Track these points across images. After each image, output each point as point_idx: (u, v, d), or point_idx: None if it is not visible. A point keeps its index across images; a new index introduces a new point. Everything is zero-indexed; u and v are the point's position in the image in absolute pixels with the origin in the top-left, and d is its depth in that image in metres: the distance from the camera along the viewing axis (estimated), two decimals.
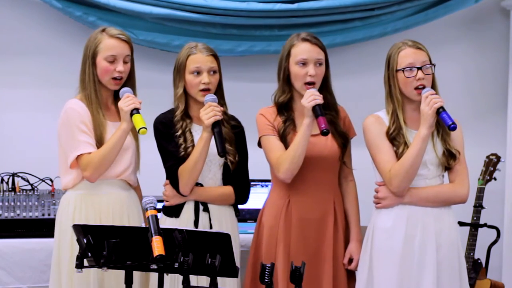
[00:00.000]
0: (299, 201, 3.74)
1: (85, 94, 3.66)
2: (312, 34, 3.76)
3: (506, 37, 5.23)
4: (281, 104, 3.77)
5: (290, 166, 3.64)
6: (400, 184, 3.58)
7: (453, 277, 3.63)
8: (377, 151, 3.65)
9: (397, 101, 3.63)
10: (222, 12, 4.87)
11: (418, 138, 3.53)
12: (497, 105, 5.31)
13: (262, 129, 3.76)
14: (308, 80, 3.68)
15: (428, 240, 3.59)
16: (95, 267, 3.12)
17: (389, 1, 4.98)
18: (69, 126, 3.63)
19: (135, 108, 3.57)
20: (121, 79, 3.68)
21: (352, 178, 3.86)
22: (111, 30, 3.68)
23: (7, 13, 4.95)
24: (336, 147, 3.76)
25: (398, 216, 3.63)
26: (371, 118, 3.70)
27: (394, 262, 3.59)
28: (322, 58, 3.72)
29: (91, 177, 3.63)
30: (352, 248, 3.79)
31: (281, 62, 3.76)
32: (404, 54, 3.60)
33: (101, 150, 3.61)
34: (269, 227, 3.77)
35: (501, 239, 4.86)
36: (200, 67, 3.71)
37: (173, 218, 3.74)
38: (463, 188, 3.66)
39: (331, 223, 3.75)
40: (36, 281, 4.17)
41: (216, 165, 3.77)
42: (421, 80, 3.57)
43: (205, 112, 3.62)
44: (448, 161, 3.64)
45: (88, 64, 3.65)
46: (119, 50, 3.66)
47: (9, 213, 4.24)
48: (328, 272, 3.73)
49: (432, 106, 3.49)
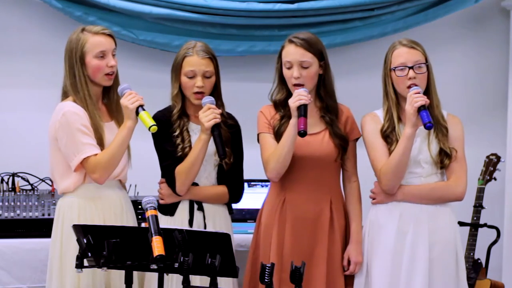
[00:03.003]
0: (294, 200, 3.73)
1: (79, 97, 3.61)
2: (304, 35, 3.70)
3: (506, 37, 5.23)
4: (278, 101, 3.78)
5: (275, 166, 3.64)
6: (388, 183, 3.62)
7: (449, 276, 3.64)
8: (371, 149, 3.69)
9: (391, 100, 3.67)
10: (222, 12, 4.87)
11: (403, 137, 3.56)
12: (497, 105, 5.31)
13: (260, 126, 3.78)
14: (293, 82, 3.68)
15: (421, 237, 3.62)
16: (95, 267, 3.12)
17: (389, 1, 4.98)
18: (69, 129, 3.57)
19: (140, 105, 3.56)
20: (113, 73, 3.66)
21: (355, 179, 3.83)
22: (92, 28, 3.65)
23: (7, 13, 4.95)
24: (332, 147, 3.74)
25: (391, 212, 3.67)
26: (367, 117, 3.75)
27: (386, 257, 3.64)
28: (308, 60, 3.67)
29: (100, 179, 3.59)
30: (351, 250, 3.77)
31: (276, 62, 3.77)
32: (397, 54, 3.64)
33: (108, 150, 3.58)
34: (265, 226, 3.77)
35: (501, 239, 4.86)
36: (194, 70, 3.70)
37: (168, 216, 3.75)
38: (458, 186, 3.67)
39: (326, 223, 3.73)
40: (36, 281, 4.16)
41: (211, 164, 3.78)
42: (412, 79, 3.60)
43: (205, 115, 3.62)
44: (443, 160, 3.65)
45: (78, 67, 3.60)
46: (107, 45, 3.63)
47: (9, 213, 4.24)
48: (321, 273, 3.70)
49: (413, 105, 3.51)
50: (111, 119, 3.73)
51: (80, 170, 3.60)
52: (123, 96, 3.58)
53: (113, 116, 3.73)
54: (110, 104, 3.74)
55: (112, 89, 3.70)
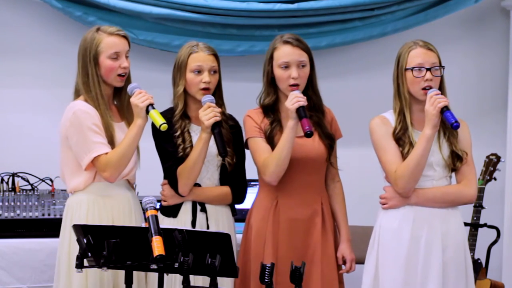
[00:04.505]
0: (287, 203, 3.73)
1: (91, 96, 3.62)
2: (295, 36, 3.73)
3: (506, 37, 5.23)
4: (267, 106, 3.77)
5: (275, 169, 3.64)
6: (406, 185, 3.57)
7: (459, 278, 3.62)
8: (383, 152, 3.64)
9: (405, 100, 3.62)
10: (222, 12, 4.88)
11: (423, 138, 3.52)
12: (497, 105, 5.31)
13: (249, 131, 3.76)
14: (291, 82, 3.68)
15: (434, 241, 3.59)
16: (95, 267, 3.12)
17: (389, 1, 4.98)
18: (80, 128, 3.57)
19: (150, 104, 3.56)
20: (125, 75, 3.67)
21: (338, 179, 3.86)
22: (108, 29, 3.66)
23: (7, 13, 4.95)
24: (323, 148, 3.75)
25: (405, 216, 3.62)
26: (376, 120, 3.69)
27: (400, 262, 3.59)
28: (305, 60, 3.70)
29: (111, 177, 3.59)
30: (343, 248, 3.79)
31: (264, 64, 3.76)
32: (415, 54, 3.60)
33: (118, 149, 3.58)
34: (256, 228, 3.76)
35: (501, 239, 4.86)
36: (201, 66, 3.71)
37: (171, 218, 3.74)
38: (470, 189, 3.66)
39: (319, 224, 3.74)
40: (36, 281, 4.17)
41: (214, 165, 3.77)
42: (429, 81, 3.57)
43: (205, 113, 3.62)
44: (455, 162, 3.64)
45: (91, 66, 3.62)
46: (121, 47, 3.65)
47: (9, 213, 4.24)
48: (316, 273, 3.70)
49: (437, 106, 3.49)
50: (121, 119, 3.73)
51: (91, 168, 3.61)
52: (133, 95, 3.59)
53: (124, 117, 3.74)
54: (121, 105, 3.75)
55: (123, 90, 3.71)
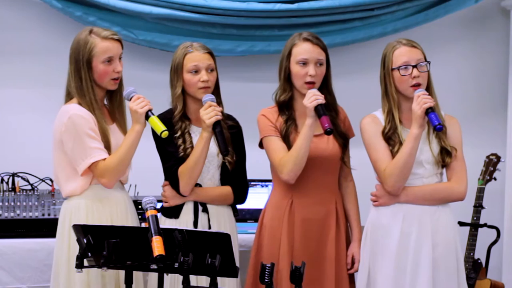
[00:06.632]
0: (302, 202, 3.73)
1: (85, 101, 3.56)
2: (314, 34, 3.76)
3: (506, 37, 5.23)
4: (282, 103, 3.77)
5: (293, 167, 3.64)
6: (395, 184, 3.60)
7: (450, 276, 3.64)
8: (373, 151, 3.67)
9: (393, 100, 3.65)
10: (222, 12, 4.87)
11: (410, 137, 3.55)
12: (497, 105, 5.31)
13: (264, 130, 3.76)
14: (308, 80, 3.68)
15: (424, 238, 3.61)
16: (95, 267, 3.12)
17: (389, 1, 4.98)
18: (76, 133, 3.52)
19: (149, 110, 3.54)
20: (119, 78, 3.66)
21: (351, 178, 3.87)
22: (101, 32, 3.59)
23: (7, 13, 4.95)
24: (337, 147, 3.76)
25: (394, 213, 3.65)
26: (367, 118, 3.73)
27: (390, 259, 3.62)
28: (323, 59, 3.72)
29: (109, 183, 3.56)
30: (354, 248, 3.80)
31: (282, 60, 3.76)
32: (399, 53, 3.63)
33: (117, 155, 3.55)
34: (271, 228, 3.76)
35: (501, 239, 4.86)
36: (198, 65, 3.71)
37: (173, 219, 3.74)
38: (460, 186, 3.67)
39: (333, 224, 3.75)
40: (36, 281, 4.17)
41: (215, 165, 3.77)
42: (416, 78, 3.59)
43: (206, 112, 3.61)
44: (444, 158, 3.65)
45: (84, 70, 3.56)
46: (115, 51, 3.60)
47: (9, 213, 4.24)
48: (330, 272, 3.72)
49: (422, 106, 3.51)
50: (112, 121, 3.70)
51: (87, 174, 3.57)
52: (130, 100, 3.57)
53: (115, 118, 3.71)
54: (112, 106, 3.72)
55: (114, 92, 3.68)
